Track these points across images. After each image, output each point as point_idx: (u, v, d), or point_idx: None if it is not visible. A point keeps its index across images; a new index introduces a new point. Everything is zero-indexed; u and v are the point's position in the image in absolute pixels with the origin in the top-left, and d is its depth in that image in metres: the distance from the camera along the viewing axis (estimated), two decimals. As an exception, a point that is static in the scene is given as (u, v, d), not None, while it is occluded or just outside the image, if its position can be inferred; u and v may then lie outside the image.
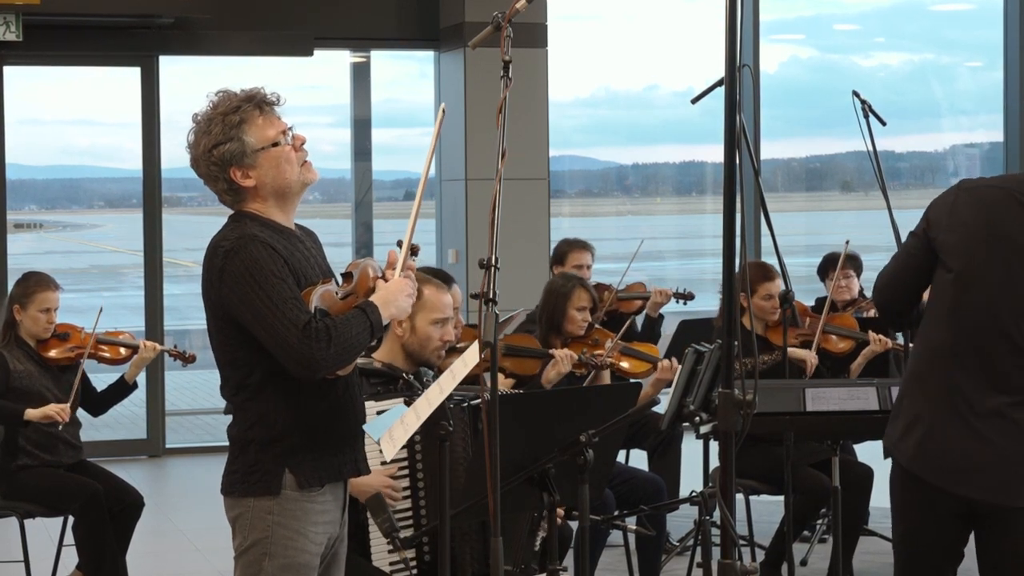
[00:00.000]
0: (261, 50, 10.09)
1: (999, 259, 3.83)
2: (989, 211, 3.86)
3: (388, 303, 3.49)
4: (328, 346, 3.35)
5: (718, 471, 3.17)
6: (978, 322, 3.84)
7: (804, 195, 16.54)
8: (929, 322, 3.96)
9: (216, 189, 3.57)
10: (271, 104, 3.56)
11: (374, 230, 11.23)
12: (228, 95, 3.54)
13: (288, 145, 3.54)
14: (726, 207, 3.01)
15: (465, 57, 9.87)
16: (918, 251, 3.99)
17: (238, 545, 3.55)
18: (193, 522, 7.99)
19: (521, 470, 3.77)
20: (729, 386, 3.02)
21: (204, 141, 3.51)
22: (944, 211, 3.92)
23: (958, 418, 3.85)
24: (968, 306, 3.86)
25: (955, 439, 3.85)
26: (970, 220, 3.86)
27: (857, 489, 6.19)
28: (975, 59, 14.85)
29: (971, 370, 3.85)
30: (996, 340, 3.83)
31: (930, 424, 3.89)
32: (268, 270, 3.39)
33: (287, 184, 3.55)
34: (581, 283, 6.21)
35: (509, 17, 3.37)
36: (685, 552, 6.61)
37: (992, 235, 3.83)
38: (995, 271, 3.83)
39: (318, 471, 3.53)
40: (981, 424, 3.83)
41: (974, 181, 3.97)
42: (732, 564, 3.01)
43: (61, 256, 19.22)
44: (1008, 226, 3.83)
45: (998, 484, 3.84)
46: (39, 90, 11.55)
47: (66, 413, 5.96)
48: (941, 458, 3.87)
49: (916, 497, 3.97)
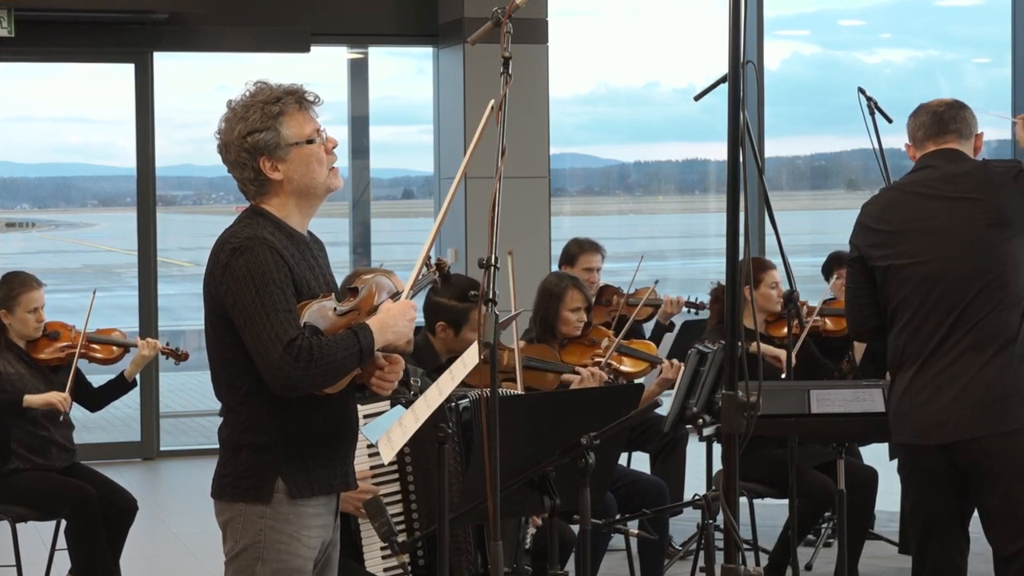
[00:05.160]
0: (257, 46, 10.07)
1: (913, 238, 4.54)
2: (894, 210, 4.63)
3: (385, 327, 3.42)
4: (308, 367, 3.30)
5: (721, 474, 3.16)
6: (913, 288, 4.51)
7: (809, 193, 16.53)
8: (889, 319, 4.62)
9: (241, 177, 3.54)
10: (311, 102, 3.55)
11: (372, 229, 11.20)
12: (268, 85, 3.52)
13: (321, 145, 3.53)
14: (729, 206, 3.02)
15: (464, 53, 9.82)
16: (857, 273, 4.67)
17: (229, 549, 3.51)
18: (187, 525, 7.96)
19: (521, 473, 3.74)
20: (733, 388, 3.02)
21: (240, 127, 3.48)
22: (859, 231, 4.67)
23: (915, 380, 4.49)
24: (905, 282, 4.52)
25: (915, 398, 4.49)
26: (880, 225, 4.62)
27: (862, 492, 6.19)
28: (982, 55, 14.81)
29: (921, 336, 4.49)
30: (931, 297, 4.48)
31: (898, 394, 4.55)
32: (270, 277, 3.36)
33: (313, 184, 3.52)
34: (574, 283, 6.13)
35: (509, 13, 3.35)
36: (688, 556, 6.59)
37: (901, 225, 4.58)
38: (915, 247, 4.52)
39: (309, 482, 3.49)
40: (932, 378, 4.46)
41: (873, 198, 4.75)
42: (736, 568, 3.01)
43: (54, 255, 19.23)
44: (906, 213, 4.59)
45: (960, 423, 4.41)
46: (31, 87, 11.54)
47: (68, 402, 5.97)
48: (913, 418, 4.50)
49: (910, 467, 4.65)
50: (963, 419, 4.42)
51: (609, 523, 4.97)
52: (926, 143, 4.68)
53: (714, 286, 6.74)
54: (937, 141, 4.65)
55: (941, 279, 4.48)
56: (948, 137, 4.64)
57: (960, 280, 4.47)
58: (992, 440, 4.42)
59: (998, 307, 4.45)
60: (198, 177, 14.95)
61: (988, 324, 4.45)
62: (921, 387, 4.49)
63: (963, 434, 4.43)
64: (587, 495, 3.72)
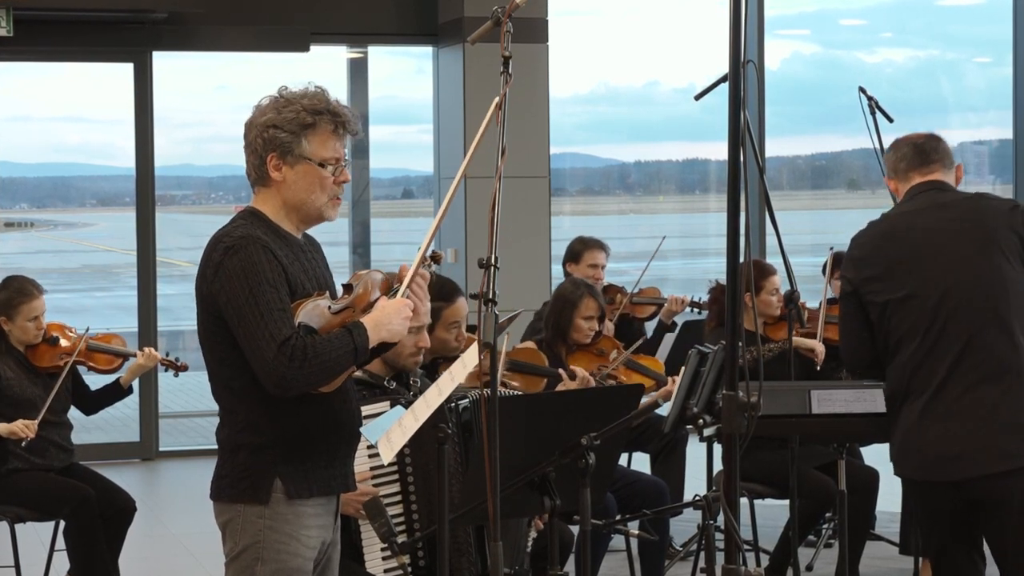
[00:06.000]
0: (256, 45, 10.06)
1: (911, 272, 4.39)
2: (887, 243, 4.49)
3: (380, 325, 3.41)
4: (301, 366, 3.29)
5: (722, 474, 3.14)
6: (916, 322, 4.35)
7: (809, 193, 16.51)
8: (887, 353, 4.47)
9: (249, 160, 3.56)
10: (348, 132, 3.54)
11: (371, 229, 11.17)
12: (324, 97, 3.52)
13: (332, 176, 3.51)
14: (730, 205, 3.01)
15: (464, 53, 9.80)
16: (852, 308, 4.52)
17: (229, 551, 3.51)
18: (186, 526, 7.95)
19: (521, 473, 3.72)
20: (733, 388, 3.00)
21: (270, 116, 3.49)
22: (850, 265, 4.54)
23: (926, 413, 4.31)
24: (906, 317, 4.37)
25: (925, 433, 4.31)
26: (874, 258, 4.47)
27: (863, 493, 6.18)
28: (983, 55, 14.79)
29: (927, 368, 4.32)
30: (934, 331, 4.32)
31: (905, 427, 4.36)
32: (263, 276, 3.35)
33: (306, 203, 3.52)
34: (590, 291, 6.15)
35: (509, 12, 3.34)
36: (688, 557, 6.58)
37: (896, 258, 4.43)
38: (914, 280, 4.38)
39: (308, 482, 3.48)
40: (945, 411, 4.28)
41: (860, 231, 4.59)
42: (736, 569, 3.00)
43: (52, 255, 19.23)
44: (901, 247, 4.45)
45: (975, 457, 4.24)
46: (30, 86, 11.53)
47: (32, 430, 5.90)
48: (920, 454, 4.33)
49: (917, 502, 4.45)
50: (978, 453, 4.24)
51: (609, 523, 4.96)
52: (911, 174, 4.57)
53: (712, 285, 6.71)
54: (923, 172, 4.55)
55: (944, 310, 4.32)
56: (933, 167, 4.55)
57: (964, 311, 4.32)
58: (1012, 476, 4.25)
59: (1006, 335, 4.30)
60: (197, 177, 14.94)
61: (997, 353, 4.30)
62: (932, 421, 4.30)
63: (977, 470, 4.25)
64: (587, 495, 3.72)
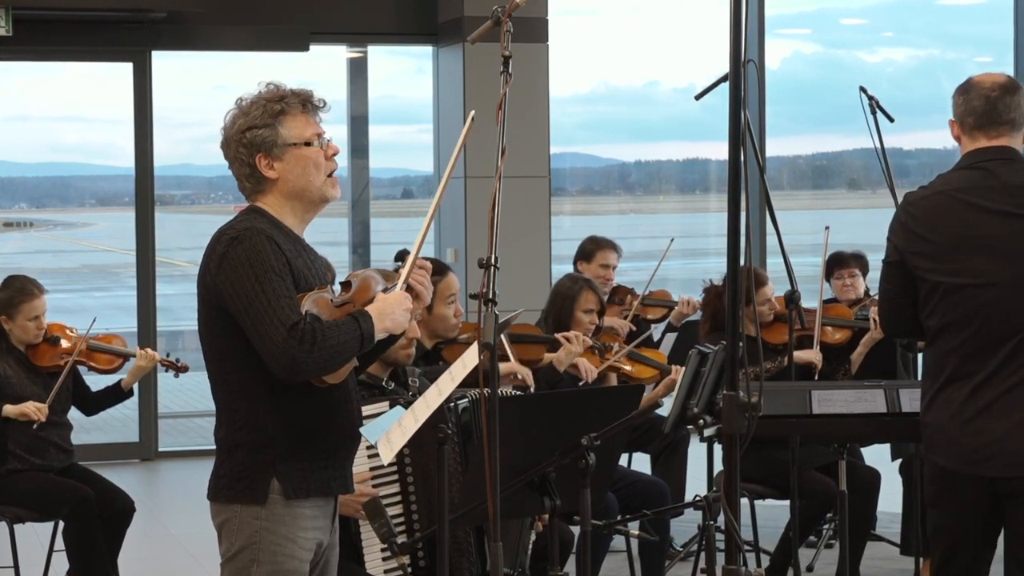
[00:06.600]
0: (256, 45, 10.05)
1: (968, 256, 4.11)
2: (944, 218, 4.17)
3: (384, 315, 3.43)
4: (312, 349, 3.29)
5: (722, 475, 3.14)
6: (969, 312, 4.10)
7: (810, 193, 16.49)
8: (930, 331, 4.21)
9: (239, 174, 3.55)
10: (316, 107, 3.56)
11: (371, 228, 11.17)
12: (278, 86, 3.55)
13: (320, 150, 3.53)
14: (730, 205, 3.00)
15: (464, 52, 9.79)
16: (897, 277, 4.25)
17: (225, 551, 3.50)
18: (185, 526, 7.95)
19: (521, 473, 3.72)
20: (734, 388, 3.00)
21: (240, 122, 3.51)
22: (902, 233, 4.22)
23: (968, 404, 4.09)
24: (958, 304, 4.11)
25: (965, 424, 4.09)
26: (929, 233, 4.17)
27: (864, 493, 6.18)
28: (984, 54, 14.79)
29: (976, 358, 4.09)
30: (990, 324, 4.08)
31: (944, 415, 4.13)
32: (268, 264, 3.36)
33: (307, 188, 3.52)
34: (589, 285, 6.17)
35: (509, 11, 3.33)
36: (689, 558, 6.59)
37: (953, 239, 4.14)
38: (971, 267, 4.10)
39: (306, 483, 3.47)
40: (991, 403, 4.06)
41: (916, 193, 4.26)
42: (737, 570, 3.00)
43: (52, 255, 19.23)
44: (960, 226, 4.14)
45: (1015, 456, 4.03)
46: (29, 86, 11.53)
47: (43, 412, 5.93)
48: (960, 443, 4.09)
49: (941, 490, 4.18)
50: (1018, 454, 4.04)
51: (610, 524, 4.94)
52: (976, 133, 4.23)
53: (706, 285, 6.62)
54: (989, 134, 4.21)
55: (999, 305, 4.07)
56: (1001, 129, 4.20)
57: (1020, 308, 4.07)
58: None
59: None
60: (197, 177, 14.95)
61: None
62: (975, 411, 4.07)
63: (1014, 471, 4.05)
64: (587, 496, 3.71)
